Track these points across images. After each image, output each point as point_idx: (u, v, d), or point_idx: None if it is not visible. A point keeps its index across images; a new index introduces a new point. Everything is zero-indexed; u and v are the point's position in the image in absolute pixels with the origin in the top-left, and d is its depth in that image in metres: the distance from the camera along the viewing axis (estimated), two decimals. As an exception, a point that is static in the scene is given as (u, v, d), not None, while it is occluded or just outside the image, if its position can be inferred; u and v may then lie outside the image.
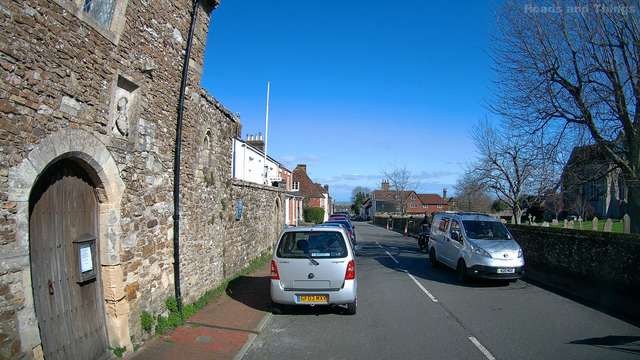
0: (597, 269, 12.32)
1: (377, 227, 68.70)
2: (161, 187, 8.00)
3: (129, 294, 6.91)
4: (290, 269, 9.12)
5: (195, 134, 9.68)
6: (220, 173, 11.85)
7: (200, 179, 10.19)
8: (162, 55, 8.00)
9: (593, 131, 15.62)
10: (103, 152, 6.16)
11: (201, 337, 7.69)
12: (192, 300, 9.71)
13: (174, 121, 8.51)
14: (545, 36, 15.20)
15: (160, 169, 7.97)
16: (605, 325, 8.63)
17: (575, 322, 8.89)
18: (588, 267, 12.77)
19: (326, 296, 8.94)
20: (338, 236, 9.77)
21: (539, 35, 15.21)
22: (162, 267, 8.09)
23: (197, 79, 9.65)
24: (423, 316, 9.41)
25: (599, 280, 12.13)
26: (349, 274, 9.06)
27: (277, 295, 9.15)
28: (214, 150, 11.26)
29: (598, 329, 8.34)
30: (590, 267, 12.68)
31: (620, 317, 9.14)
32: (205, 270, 10.61)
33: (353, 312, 9.47)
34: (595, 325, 8.61)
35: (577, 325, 8.62)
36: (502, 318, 9.21)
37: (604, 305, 9.95)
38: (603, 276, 11.97)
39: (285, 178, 51.03)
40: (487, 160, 26.76)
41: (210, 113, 10.87)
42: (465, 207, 63.67)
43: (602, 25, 14.05)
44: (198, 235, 10.03)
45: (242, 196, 14.52)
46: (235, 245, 13.69)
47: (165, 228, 8.17)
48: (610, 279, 11.66)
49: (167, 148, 8.24)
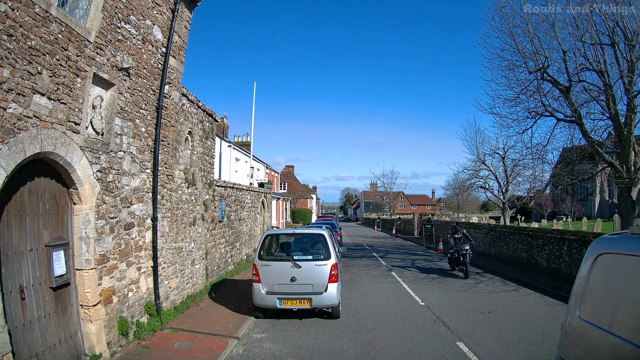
0: None
1: (365, 228, 69.05)
2: (139, 189, 7.94)
3: (105, 298, 6.85)
4: (272, 272, 9.10)
5: (176, 134, 9.62)
6: (202, 174, 11.80)
7: (181, 180, 10.13)
8: (140, 53, 7.94)
9: (583, 131, 15.82)
10: (76, 153, 6.10)
11: (180, 342, 7.65)
12: (172, 304, 9.65)
13: (153, 120, 8.45)
14: (535, 35, 15.39)
15: (138, 170, 7.90)
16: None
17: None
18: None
19: (309, 300, 8.94)
20: (321, 238, 9.76)
21: (529, 34, 15.38)
22: (140, 271, 8.02)
23: (178, 78, 9.59)
24: (409, 320, 9.44)
25: None
26: (333, 277, 9.06)
27: (259, 299, 9.13)
28: (196, 150, 11.21)
29: None
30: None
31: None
32: (186, 274, 10.55)
33: (337, 317, 9.48)
34: None
35: None
36: (491, 322, 9.26)
37: None
38: None
39: (272, 179, 50.95)
40: (476, 160, 27.14)
41: (192, 112, 10.82)
42: (453, 208, 64.17)
43: (593, 24, 14.26)
44: (178, 238, 9.97)
45: (226, 197, 14.47)
46: (218, 248, 13.63)
47: (143, 230, 8.10)
48: None
49: (145, 148, 8.18)
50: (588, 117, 16.19)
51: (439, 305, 10.81)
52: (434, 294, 12.11)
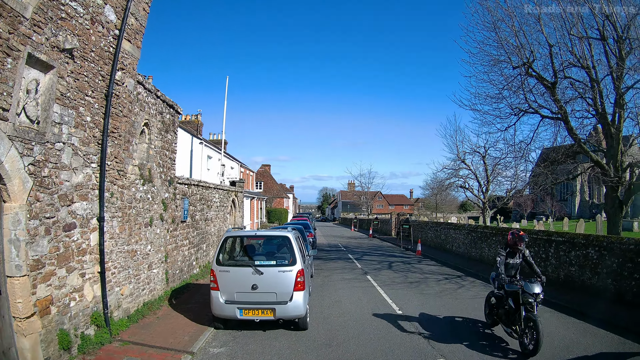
0: (577, 274, 12.25)
1: (342, 227, 69.05)
2: (82, 185, 7.30)
3: (41, 309, 6.23)
4: (232, 279, 8.48)
5: (129, 125, 8.98)
6: (161, 170, 11.16)
7: (135, 176, 9.49)
8: (88, 34, 7.33)
9: (569, 128, 15.69)
10: (3, 142, 5.47)
11: (128, 358, 7.05)
12: (125, 313, 9.02)
13: (102, 109, 7.82)
14: (520, 29, 15.16)
15: (81, 164, 7.26)
16: (594, 339, 8.20)
17: (560, 336, 8.39)
18: (567, 272, 12.73)
19: (272, 310, 8.33)
20: (286, 241, 9.16)
21: (514, 28, 15.14)
22: (84, 277, 7.39)
23: (133, 64, 8.97)
24: (385, 332, 8.82)
25: (579, 286, 12.06)
26: (299, 284, 8.46)
27: (218, 308, 8.50)
28: (154, 144, 10.57)
29: (586, 344, 7.89)
30: (569, 271, 12.64)
31: (609, 328, 8.68)
32: (142, 279, 9.91)
33: (304, 328, 8.85)
34: (582, 340, 8.17)
35: (563, 341, 8.10)
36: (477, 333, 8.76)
37: (590, 315, 9.63)
38: (584, 282, 11.89)
39: (247, 178, 50.53)
40: (456, 159, 27.04)
41: (150, 102, 10.19)
42: (432, 208, 64.59)
43: (580, 19, 14.13)
44: (132, 240, 9.33)
45: (190, 196, 13.83)
46: (180, 250, 13.00)
47: (87, 232, 7.46)
48: (592, 284, 11.56)
49: (91, 140, 7.54)
50: (573, 115, 16.12)
51: (418, 313, 10.30)
52: (412, 301, 11.67)
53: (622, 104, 14.29)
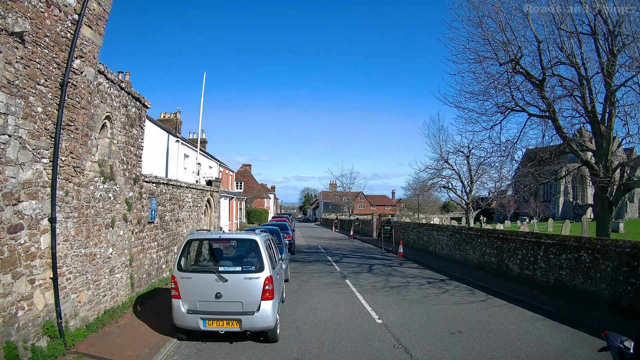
0: (569, 278, 12.00)
1: (323, 228, 68.90)
2: (31, 182, 6.71)
3: (-19, 320, 5.66)
4: (194, 287, 7.94)
5: (88, 118, 8.39)
6: (125, 167, 10.56)
7: (94, 173, 8.90)
8: (42, 17, 6.76)
9: (557, 127, 15.54)
10: None
11: (81, 372, 6.52)
12: (84, 322, 8.46)
13: (56, 100, 7.24)
14: (507, 24, 14.93)
15: (30, 159, 6.68)
16: (589, 349, 7.86)
17: (553, 347, 8.08)
18: (557, 276, 12.48)
19: (238, 322, 7.77)
20: (253, 245, 8.59)
21: (501, 24, 14.90)
22: (33, 284, 6.82)
23: (94, 52, 8.37)
24: (363, 344, 8.31)
25: (570, 291, 11.80)
26: (267, 293, 7.90)
27: (179, 319, 7.94)
28: (116, 139, 9.97)
29: (582, 356, 7.61)
30: (559, 275, 12.39)
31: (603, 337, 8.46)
32: (102, 285, 9.33)
33: (274, 340, 8.29)
34: (577, 351, 7.87)
35: (557, 353, 7.79)
36: (463, 345, 8.23)
37: (582, 322, 9.37)
38: (576, 286, 11.63)
39: (227, 178, 49.97)
40: (439, 159, 26.90)
41: (113, 94, 9.60)
42: (414, 209, 64.76)
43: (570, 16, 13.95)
44: (90, 242, 8.74)
45: (158, 195, 13.23)
46: (148, 253, 12.41)
47: (37, 234, 6.88)
48: (584, 289, 11.31)
49: (42, 133, 6.95)
50: (561, 114, 16.00)
51: (399, 322, 9.83)
52: (392, 308, 11.22)
53: (614, 102, 14.16)
